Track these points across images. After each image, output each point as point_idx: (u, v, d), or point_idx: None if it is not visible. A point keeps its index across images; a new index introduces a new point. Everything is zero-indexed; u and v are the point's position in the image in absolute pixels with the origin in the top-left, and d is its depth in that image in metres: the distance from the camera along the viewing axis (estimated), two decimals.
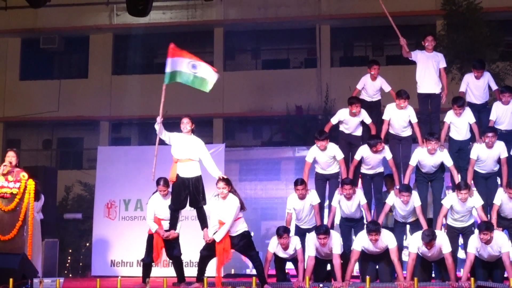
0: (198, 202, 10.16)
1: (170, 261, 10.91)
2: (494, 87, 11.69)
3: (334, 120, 11.60)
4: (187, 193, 10.14)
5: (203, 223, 10.10)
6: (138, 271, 11.60)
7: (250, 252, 9.96)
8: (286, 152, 15.74)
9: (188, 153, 10.14)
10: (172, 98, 20.85)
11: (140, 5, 9.68)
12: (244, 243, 9.83)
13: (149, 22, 21.07)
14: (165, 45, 10.52)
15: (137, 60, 22.79)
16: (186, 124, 10.19)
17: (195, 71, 10.42)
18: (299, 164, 14.00)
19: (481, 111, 11.54)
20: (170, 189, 10.35)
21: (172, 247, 10.27)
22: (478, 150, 10.79)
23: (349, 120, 11.45)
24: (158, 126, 10.19)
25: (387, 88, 11.93)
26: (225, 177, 9.89)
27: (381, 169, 11.22)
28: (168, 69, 10.39)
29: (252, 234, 10.48)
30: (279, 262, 10.65)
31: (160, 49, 23.64)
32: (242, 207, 9.84)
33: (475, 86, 11.58)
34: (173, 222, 10.24)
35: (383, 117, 11.42)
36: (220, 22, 22.42)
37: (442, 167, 10.90)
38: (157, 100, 10.60)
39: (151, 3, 9.93)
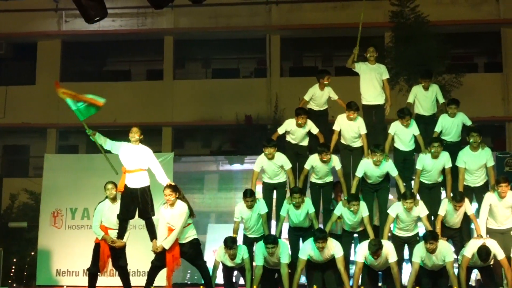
0: (147, 213, 10.03)
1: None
2: (442, 100, 11.83)
3: (281, 130, 11.66)
4: (135, 204, 10.02)
5: (152, 234, 9.98)
6: (84, 281, 11.45)
7: (198, 261, 9.95)
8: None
9: (137, 163, 10.01)
10: (121, 106, 20.88)
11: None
12: (192, 252, 9.82)
13: (98, 29, 20.86)
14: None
15: (85, 68, 22.55)
16: (134, 133, 10.06)
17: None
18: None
19: (429, 123, 11.65)
20: (118, 194, 10.24)
21: (118, 257, 10.18)
22: (423, 161, 10.92)
23: (295, 131, 11.51)
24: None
25: (335, 96, 11.99)
26: (173, 184, 9.84)
27: (330, 179, 11.28)
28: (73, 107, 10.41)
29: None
30: (227, 271, 10.63)
31: (109, 57, 23.49)
32: (192, 214, 9.82)
33: (423, 97, 11.71)
34: (121, 232, 10.13)
35: (334, 128, 11.50)
36: (170, 31, 22.35)
37: (387, 177, 11.03)
38: (105, 108, 10.49)
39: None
